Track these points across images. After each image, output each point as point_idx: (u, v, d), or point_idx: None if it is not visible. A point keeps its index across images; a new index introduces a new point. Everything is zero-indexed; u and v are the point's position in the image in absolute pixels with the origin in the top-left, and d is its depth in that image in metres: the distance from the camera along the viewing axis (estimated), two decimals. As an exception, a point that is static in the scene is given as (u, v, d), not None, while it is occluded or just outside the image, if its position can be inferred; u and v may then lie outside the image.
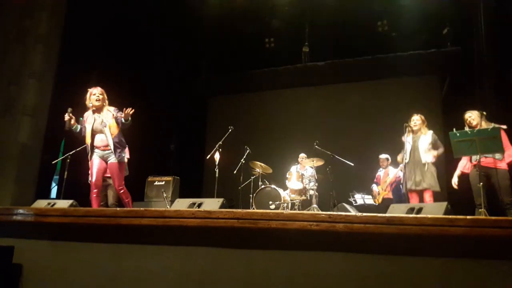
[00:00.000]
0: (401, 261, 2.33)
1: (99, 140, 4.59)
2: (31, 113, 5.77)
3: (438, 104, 8.25)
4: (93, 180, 4.56)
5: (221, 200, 4.53)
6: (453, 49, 7.60)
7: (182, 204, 4.64)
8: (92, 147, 4.62)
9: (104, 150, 4.60)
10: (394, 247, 2.37)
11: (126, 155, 5.94)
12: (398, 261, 2.34)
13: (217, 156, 5.76)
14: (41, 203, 4.67)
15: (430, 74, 8.44)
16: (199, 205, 4.52)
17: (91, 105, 4.60)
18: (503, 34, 6.15)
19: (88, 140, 4.61)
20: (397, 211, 4.20)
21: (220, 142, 5.84)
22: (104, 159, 4.62)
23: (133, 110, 4.51)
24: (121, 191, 4.67)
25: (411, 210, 4.06)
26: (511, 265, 2.17)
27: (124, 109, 4.53)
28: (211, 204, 4.46)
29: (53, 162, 5.57)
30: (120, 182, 4.65)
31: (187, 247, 2.61)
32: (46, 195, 6.10)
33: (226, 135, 6.01)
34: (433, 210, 3.89)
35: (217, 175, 5.76)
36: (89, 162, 4.63)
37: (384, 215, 2.43)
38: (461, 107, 6.95)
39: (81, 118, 4.71)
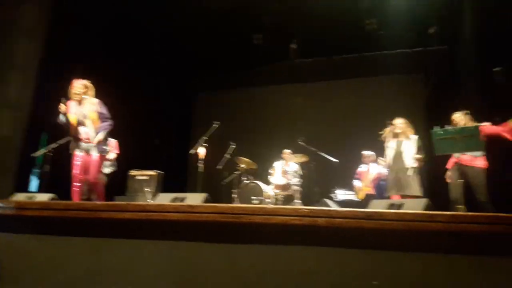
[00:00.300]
0: (381, 256, 2.35)
1: (82, 132, 4.55)
2: (12, 106, 5.66)
3: (423, 102, 8.35)
4: (74, 173, 4.51)
5: (204, 195, 4.51)
6: (439, 48, 7.69)
7: (164, 199, 4.62)
8: (76, 139, 4.57)
9: (87, 142, 4.55)
10: (375, 242, 2.39)
11: (115, 150, 5.88)
12: (378, 256, 2.36)
13: (201, 151, 5.74)
14: (20, 197, 4.59)
15: (416, 72, 8.55)
16: (182, 200, 4.51)
17: None
18: (489, 34, 6.24)
19: (72, 132, 4.56)
20: (378, 206, 4.24)
21: (205, 137, 5.81)
22: (87, 151, 4.57)
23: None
24: (95, 183, 4.63)
25: (392, 206, 4.11)
26: (489, 261, 2.21)
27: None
28: (194, 199, 4.45)
29: (33, 155, 5.48)
30: (96, 175, 4.61)
31: (170, 242, 2.59)
32: (26, 189, 5.99)
33: (211, 130, 5.99)
34: (414, 206, 3.93)
35: (201, 170, 5.73)
36: (72, 155, 4.58)
37: (364, 210, 2.45)
38: (445, 105, 7.07)
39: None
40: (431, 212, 2.41)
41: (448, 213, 2.33)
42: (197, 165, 6.35)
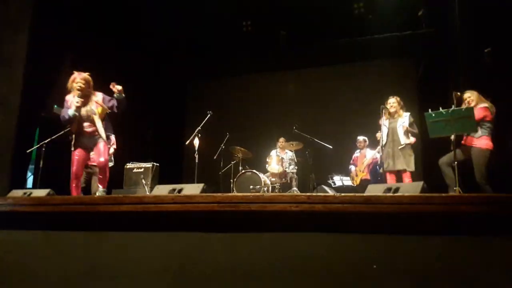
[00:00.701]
0: (380, 240, 2.37)
1: (85, 126, 4.45)
2: (1, 102, 5.58)
3: (414, 85, 8.35)
4: (74, 170, 4.44)
5: (201, 185, 4.49)
6: (428, 31, 7.66)
7: (162, 191, 4.60)
8: (77, 134, 4.47)
9: (90, 135, 4.46)
10: (372, 226, 2.41)
11: (114, 145, 5.83)
12: (377, 240, 2.38)
13: (196, 142, 5.72)
14: (17, 193, 4.56)
15: (406, 56, 8.53)
16: (180, 191, 4.49)
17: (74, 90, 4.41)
18: (478, 16, 6.23)
19: (74, 127, 4.44)
20: (374, 191, 4.26)
21: (199, 127, 5.78)
22: (89, 146, 4.49)
23: (120, 86, 4.42)
24: (105, 167, 4.54)
25: (388, 190, 4.12)
26: (485, 240, 2.24)
27: (113, 85, 4.44)
28: (192, 190, 4.44)
29: (27, 151, 5.44)
30: (106, 157, 4.52)
31: (168, 233, 2.60)
32: (22, 185, 5.94)
33: (205, 120, 5.95)
34: (410, 189, 3.96)
35: (196, 161, 5.71)
36: (72, 151, 4.47)
37: (362, 194, 2.47)
38: (437, 87, 7.12)
39: (55, 106, 4.57)
40: (427, 194, 2.44)
41: (444, 195, 2.36)
42: (192, 156, 6.33)
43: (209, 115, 6.03)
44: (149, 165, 6.39)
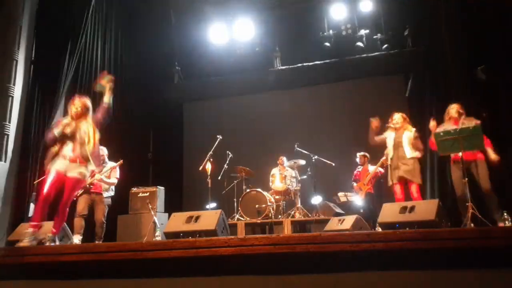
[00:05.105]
0: (441, 275, 2.37)
1: (67, 150, 3.94)
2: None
3: (404, 101, 8.44)
4: (46, 192, 3.73)
5: (218, 212, 4.44)
6: (415, 49, 7.85)
7: (178, 218, 4.51)
8: (59, 155, 3.93)
9: (73, 162, 3.91)
10: (430, 262, 2.41)
11: (116, 174, 5.55)
12: (436, 276, 2.38)
13: (208, 166, 5.63)
14: (25, 226, 4.38)
15: (395, 73, 8.64)
16: (196, 218, 4.41)
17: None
18: (464, 33, 6.40)
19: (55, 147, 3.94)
20: (390, 210, 4.29)
21: (211, 152, 5.70)
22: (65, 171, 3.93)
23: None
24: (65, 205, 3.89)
25: (404, 209, 4.17)
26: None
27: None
28: (209, 217, 4.35)
29: (35, 182, 5.25)
30: (69, 196, 3.89)
31: (222, 277, 2.52)
32: (24, 214, 5.68)
33: (216, 144, 5.87)
34: (426, 208, 4.01)
35: (209, 185, 5.61)
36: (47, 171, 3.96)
37: (420, 230, 2.46)
38: (425, 103, 7.33)
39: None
40: (484, 228, 2.46)
41: (502, 228, 2.39)
42: (192, 177, 6.24)
43: (218, 140, 5.94)
44: (154, 189, 6.24)
